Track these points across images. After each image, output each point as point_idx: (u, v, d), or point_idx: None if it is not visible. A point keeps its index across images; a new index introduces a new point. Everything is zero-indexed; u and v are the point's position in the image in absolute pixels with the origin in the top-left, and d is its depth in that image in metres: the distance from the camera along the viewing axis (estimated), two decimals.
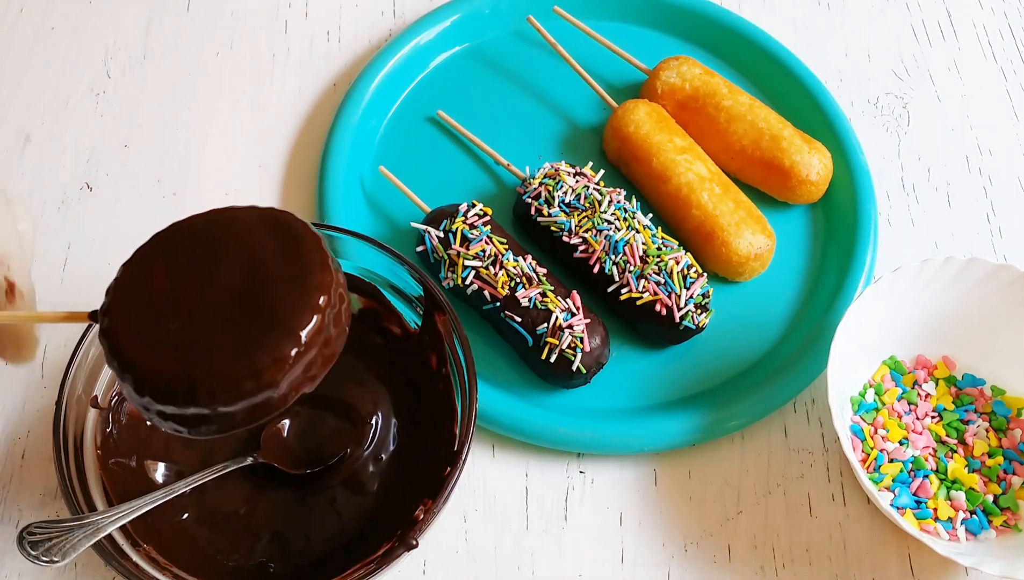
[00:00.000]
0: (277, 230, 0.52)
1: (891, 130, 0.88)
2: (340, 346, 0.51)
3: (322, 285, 0.50)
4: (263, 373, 0.48)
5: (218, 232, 0.52)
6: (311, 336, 0.49)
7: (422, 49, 0.86)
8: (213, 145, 0.84)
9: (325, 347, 0.50)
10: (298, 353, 0.49)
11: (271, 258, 0.51)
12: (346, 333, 0.52)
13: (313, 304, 0.49)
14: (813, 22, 0.93)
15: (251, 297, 0.49)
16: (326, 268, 0.51)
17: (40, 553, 0.54)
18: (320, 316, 0.49)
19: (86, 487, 0.61)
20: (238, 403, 0.48)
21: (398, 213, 0.79)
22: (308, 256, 0.51)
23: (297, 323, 0.49)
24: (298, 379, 0.49)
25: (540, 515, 0.69)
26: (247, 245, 0.51)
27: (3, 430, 0.70)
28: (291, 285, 0.50)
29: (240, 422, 0.49)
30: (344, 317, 0.52)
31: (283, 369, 0.48)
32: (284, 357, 0.48)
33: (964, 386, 0.73)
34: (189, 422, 0.49)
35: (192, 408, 0.48)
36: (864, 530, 0.69)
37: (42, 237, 0.78)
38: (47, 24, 0.89)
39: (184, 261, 0.51)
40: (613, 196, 0.74)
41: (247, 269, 0.50)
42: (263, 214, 0.53)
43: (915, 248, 0.81)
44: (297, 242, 0.51)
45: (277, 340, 0.48)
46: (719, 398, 0.72)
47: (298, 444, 0.67)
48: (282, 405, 0.50)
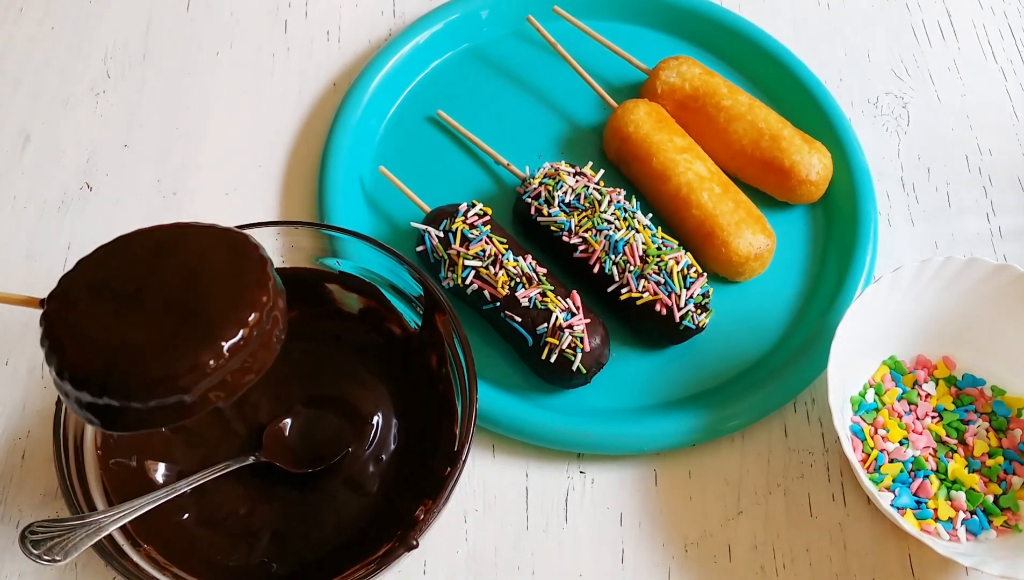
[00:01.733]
0: (228, 247, 0.54)
1: (891, 130, 0.88)
2: (265, 365, 0.53)
3: (255, 302, 0.51)
4: (178, 377, 0.49)
5: (174, 241, 0.54)
6: (234, 348, 0.50)
7: (422, 49, 0.86)
8: (213, 145, 0.84)
9: (248, 363, 0.52)
10: (216, 364, 0.50)
11: (215, 272, 0.53)
12: (274, 355, 0.53)
13: (242, 318, 0.51)
14: (813, 22, 0.93)
15: (187, 304, 0.51)
16: (264, 288, 0.52)
17: (42, 552, 0.54)
18: (247, 331, 0.51)
19: (86, 487, 0.61)
20: (149, 401, 0.50)
21: (398, 213, 0.79)
22: (250, 274, 0.53)
23: (222, 334, 0.50)
24: (213, 389, 0.51)
25: (540, 515, 0.69)
26: (196, 256, 0.53)
27: (3, 430, 0.70)
28: (226, 298, 0.51)
29: (150, 421, 0.51)
30: (274, 339, 0.53)
31: (199, 377, 0.50)
32: (201, 365, 0.50)
33: (964, 386, 0.73)
34: (101, 413, 0.51)
35: (104, 399, 0.50)
36: (864, 530, 0.69)
37: (42, 237, 0.78)
38: (47, 24, 0.89)
39: (135, 263, 0.53)
40: (613, 196, 0.74)
41: (190, 278, 0.52)
42: (220, 232, 0.55)
43: (915, 248, 0.81)
44: (243, 260, 0.53)
45: (199, 347, 0.50)
46: (719, 398, 0.72)
47: (300, 443, 0.67)
48: (193, 412, 0.51)
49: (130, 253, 0.54)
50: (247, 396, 0.68)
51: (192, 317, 0.51)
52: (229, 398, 0.52)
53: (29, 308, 0.55)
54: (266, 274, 0.53)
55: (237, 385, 0.52)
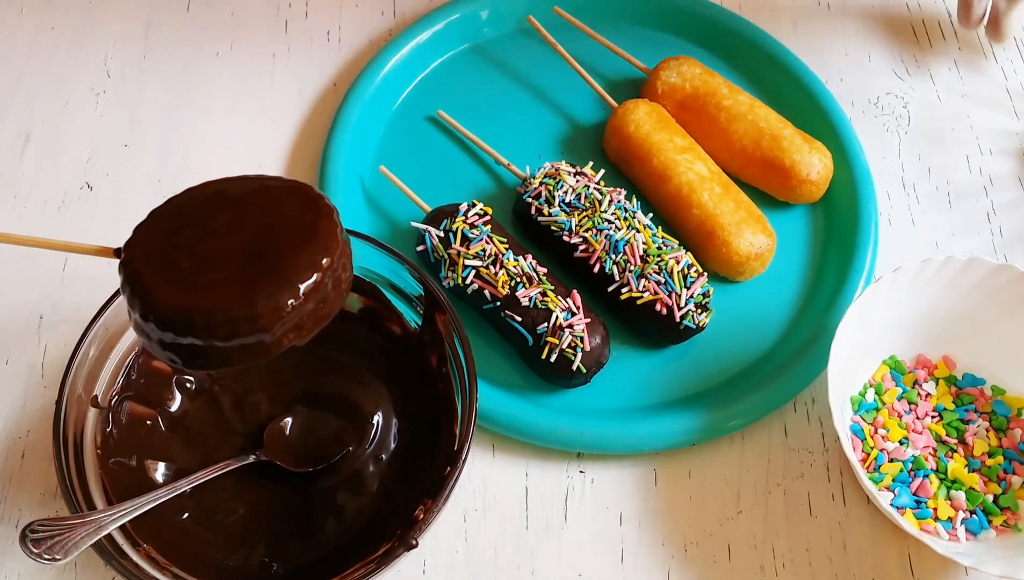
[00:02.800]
0: (297, 196, 0.56)
1: (891, 130, 0.88)
2: (336, 308, 0.55)
3: (328, 248, 0.53)
4: (259, 317, 0.51)
5: (244, 190, 0.56)
6: (309, 291, 0.52)
7: (422, 49, 0.86)
8: (213, 145, 0.84)
9: (321, 305, 0.53)
10: (295, 305, 0.52)
11: (287, 219, 0.55)
12: (344, 298, 0.55)
13: (316, 262, 0.53)
14: (813, 22, 0.93)
15: (262, 248, 0.53)
16: (334, 235, 0.54)
17: (42, 551, 0.54)
18: (320, 274, 0.53)
19: (86, 487, 0.61)
20: (232, 341, 0.51)
21: (398, 213, 0.79)
22: (320, 221, 0.54)
23: (298, 277, 0.52)
24: (290, 329, 0.53)
25: (540, 515, 0.69)
26: (267, 204, 0.55)
27: (3, 430, 0.70)
28: (300, 243, 0.53)
29: (231, 359, 0.53)
30: (344, 283, 0.55)
31: (279, 316, 0.51)
32: (281, 305, 0.51)
33: (964, 386, 0.73)
34: (184, 353, 0.52)
35: (189, 338, 0.51)
36: (864, 530, 0.69)
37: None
38: (47, 24, 0.89)
39: (208, 212, 0.55)
40: (613, 196, 0.74)
41: (263, 224, 0.54)
42: (288, 183, 0.57)
43: (915, 248, 0.81)
44: (313, 209, 0.55)
45: (278, 288, 0.52)
46: (719, 398, 0.72)
47: (300, 442, 0.67)
48: (272, 351, 0.53)
49: (203, 203, 0.56)
50: (247, 395, 0.69)
51: (269, 260, 0.53)
52: (304, 338, 0.54)
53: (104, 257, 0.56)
54: (335, 222, 0.55)
55: (311, 325, 0.54)
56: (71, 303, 0.75)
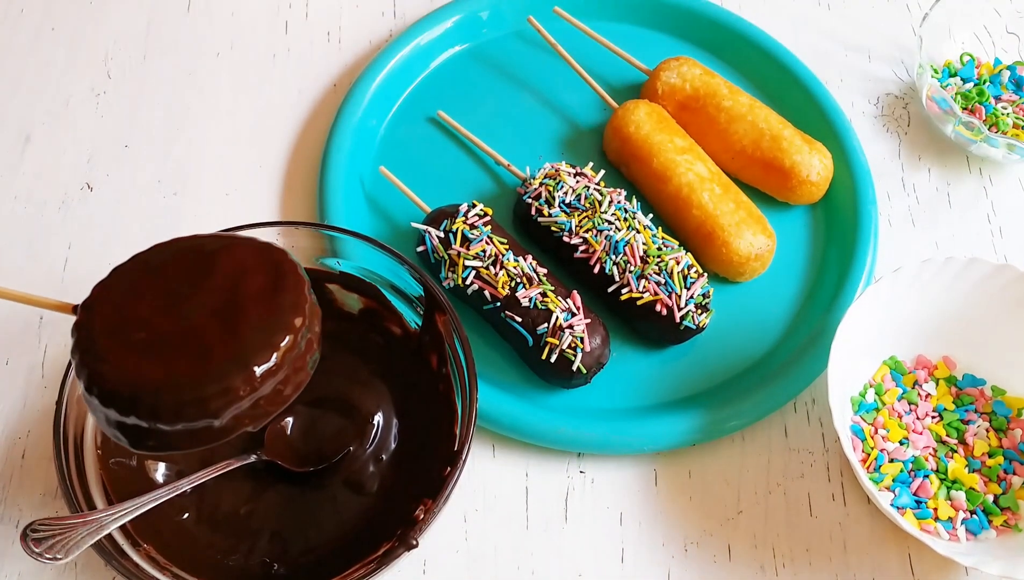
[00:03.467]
0: (266, 264, 0.53)
1: (891, 130, 0.88)
2: (298, 389, 0.52)
3: (289, 326, 0.51)
4: (207, 401, 0.49)
5: (212, 254, 0.54)
6: (266, 374, 0.50)
7: (422, 49, 0.86)
8: (213, 145, 0.84)
9: (280, 387, 0.51)
10: (248, 389, 0.49)
11: (251, 290, 0.52)
12: (307, 378, 0.53)
13: (276, 342, 0.50)
14: (813, 22, 0.93)
15: (220, 324, 0.50)
16: (300, 310, 0.52)
17: (43, 550, 0.54)
18: (279, 355, 0.50)
19: (86, 487, 0.61)
20: (176, 424, 0.49)
21: (398, 213, 0.79)
22: (286, 295, 0.52)
23: (254, 358, 0.50)
24: (244, 414, 0.50)
25: (540, 515, 0.69)
26: (234, 272, 0.53)
27: (3, 430, 0.70)
28: (261, 319, 0.51)
29: (177, 444, 0.50)
30: (308, 363, 0.53)
31: (229, 401, 0.49)
32: (233, 389, 0.49)
33: (964, 386, 0.73)
34: (129, 432, 0.50)
35: (132, 418, 0.49)
36: (864, 530, 0.69)
37: (42, 237, 0.78)
38: (47, 24, 0.89)
39: (171, 276, 0.53)
40: (613, 196, 0.74)
41: (226, 295, 0.52)
42: (260, 247, 0.54)
43: (915, 248, 0.81)
44: (280, 279, 0.53)
45: (230, 371, 0.49)
46: (719, 398, 0.72)
47: (301, 442, 0.67)
48: (222, 436, 0.50)
49: (166, 266, 0.53)
50: None
51: (226, 337, 0.50)
52: (260, 422, 0.51)
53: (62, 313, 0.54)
54: (303, 296, 0.52)
55: (268, 410, 0.51)
56: None
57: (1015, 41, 0.90)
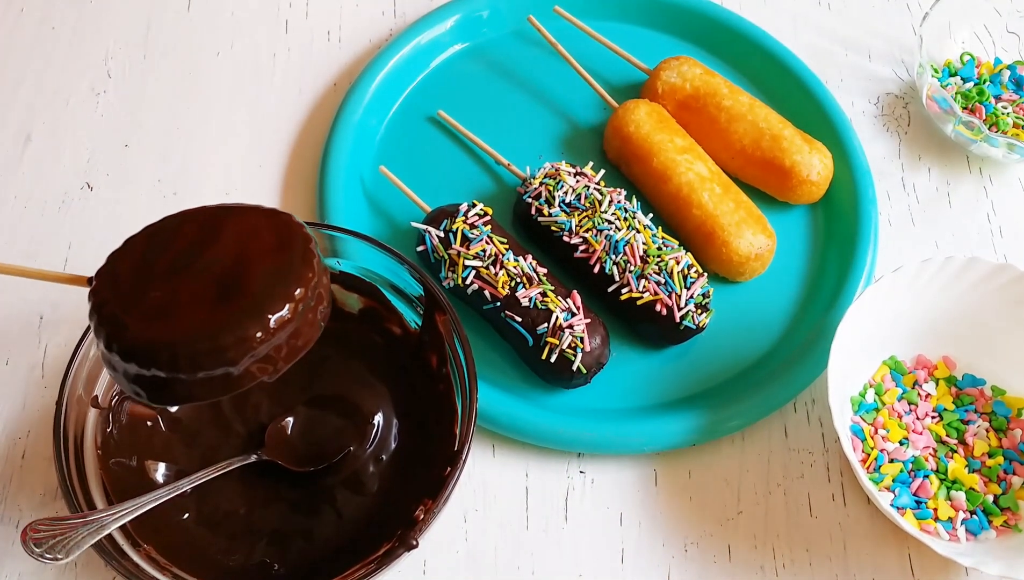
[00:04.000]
0: (273, 225, 0.55)
1: (891, 130, 0.88)
2: (310, 342, 0.53)
3: (302, 278, 0.52)
4: (226, 350, 0.50)
5: (220, 220, 0.55)
6: (280, 323, 0.51)
7: (422, 49, 0.86)
8: (213, 145, 0.84)
9: (293, 338, 0.52)
10: (263, 337, 0.51)
11: (262, 248, 0.53)
12: (319, 331, 0.54)
13: (289, 293, 0.52)
14: (813, 22, 0.93)
15: (234, 279, 0.52)
16: (310, 264, 0.53)
17: (44, 550, 0.54)
18: (292, 305, 0.51)
19: (86, 487, 0.61)
20: (196, 373, 0.51)
21: (398, 213, 0.79)
22: (295, 250, 0.53)
23: (268, 307, 0.51)
24: (259, 363, 0.51)
25: (540, 515, 0.69)
26: (243, 234, 0.54)
27: (3, 430, 0.70)
28: (272, 273, 0.52)
29: (197, 394, 0.51)
30: (320, 315, 0.54)
31: (246, 349, 0.50)
32: (249, 338, 0.50)
33: (964, 386, 0.73)
34: (148, 386, 0.51)
35: (152, 370, 0.50)
36: (864, 530, 0.69)
37: (42, 237, 0.78)
38: (47, 24, 0.89)
39: (182, 241, 0.54)
40: (613, 196, 0.74)
41: (237, 254, 0.53)
42: (266, 211, 0.56)
43: (915, 248, 0.81)
44: (288, 237, 0.54)
45: (246, 320, 0.51)
46: (719, 398, 0.72)
47: (301, 442, 0.67)
48: (239, 385, 0.52)
49: (177, 231, 0.55)
50: (248, 395, 0.69)
51: (239, 291, 0.51)
52: (275, 373, 0.52)
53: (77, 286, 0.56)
54: (311, 251, 0.54)
55: (283, 359, 0.52)
56: (71, 303, 0.75)
57: (1015, 40, 0.90)
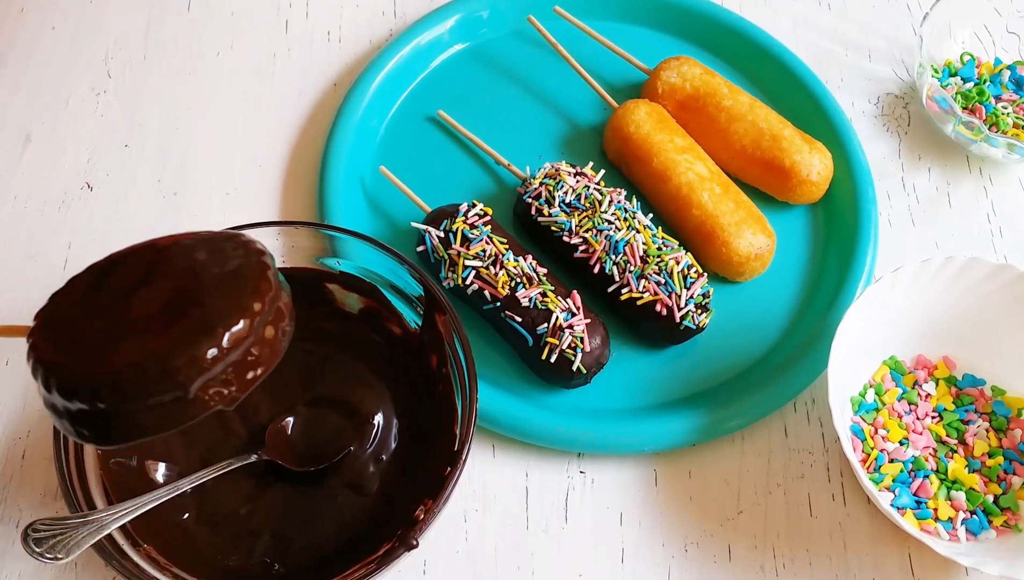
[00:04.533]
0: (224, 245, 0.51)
1: (891, 130, 0.88)
2: (270, 363, 0.49)
3: (258, 291, 0.48)
4: (175, 371, 0.46)
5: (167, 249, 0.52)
6: (234, 340, 0.47)
7: (422, 49, 0.86)
8: (213, 145, 0.84)
9: (251, 359, 0.48)
10: (217, 354, 0.46)
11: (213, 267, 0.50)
12: (280, 352, 0.50)
13: (244, 306, 0.47)
14: (813, 22, 0.93)
15: (185, 301, 0.48)
16: (265, 277, 0.49)
17: (44, 550, 0.54)
18: (248, 321, 0.47)
19: (86, 487, 0.61)
20: (143, 400, 0.46)
21: (398, 213, 0.79)
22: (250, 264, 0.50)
23: (222, 322, 0.47)
24: (215, 386, 0.47)
25: (540, 515, 0.69)
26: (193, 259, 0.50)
27: (3, 430, 0.70)
28: (226, 289, 0.48)
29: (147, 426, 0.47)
30: (280, 332, 0.49)
31: (198, 369, 0.46)
32: (200, 356, 0.46)
33: (964, 386, 0.73)
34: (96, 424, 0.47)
35: (97, 403, 0.46)
36: (864, 530, 0.69)
37: (42, 237, 0.78)
38: (47, 24, 0.89)
39: (127, 272, 0.51)
40: (613, 196, 0.74)
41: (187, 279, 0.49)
42: (214, 235, 0.53)
43: (915, 248, 0.81)
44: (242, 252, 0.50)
45: (197, 336, 0.46)
46: (719, 398, 0.72)
47: (302, 442, 0.67)
48: (193, 412, 0.47)
49: (122, 264, 0.52)
50: (248, 396, 0.68)
51: (191, 312, 0.47)
52: (232, 400, 0.48)
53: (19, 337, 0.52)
54: (266, 264, 0.50)
55: (240, 383, 0.48)
56: None
57: (1015, 41, 0.90)
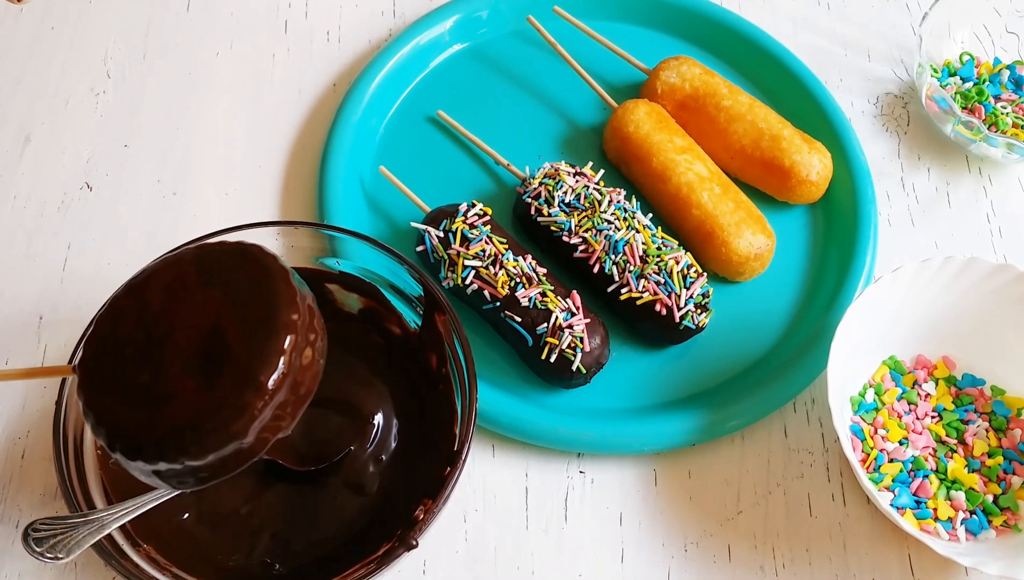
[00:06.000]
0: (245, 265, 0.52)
1: (891, 130, 0.88)
2: (314, 385, 0.51)
3: (288, 325, 0.50)
4: (229, 425, 0.48)
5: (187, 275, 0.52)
6: (277, 383, 0.49)
7: (422, 49, 0.86)
8: (213, 145, 0.84)
9: (295, 390, 0.50)
10: (264, 402, 0.49)
11: (238, 299, 0.51)
12: (320, 371, 0.52)
13: (279, 348, 0.49)
14: (812, 22, 0.93)
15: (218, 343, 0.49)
16: (293, 305, 0.50)
17: (44, 549, 0.54)
18: (286, 359, 0.49)
19: (86, 487, 0.61)
20: (206, 457, 0.49)
21: (398, 213, 0.79)
22: (275, 294, 0.51)
23: (261, 370, 0.48)
24: (268, 425, 0.49)
25: (540, 515, 0.69)
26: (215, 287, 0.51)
27: (3, 430, 0.70)
28: (257, 326, 0.49)
29: (215, 473, 0.50)
30: (316, 353, 0.51)
31: (249, 419, 0.48)
32: (249, 406, 0.48)
33: (964, 386, 0.73)
34: (164, 477, 0.50)
35: (161, 464, 0.49)
36: (864, 530, 0.69)
37: (42, 237, 0.78)
38: (47, 24, 0.89)
39: (153, 310, 0.52)
40: (613, 196, 0.74)
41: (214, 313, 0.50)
42: (234, 250, 0.53)
43: (915, 248, 0.81)
44: (264, 279, 0.51)
45: (241, 391, 0.48)
46: (719, 398, 0.72)
47: (302, 441, 0.67)
48: (255, 452, 0.50)
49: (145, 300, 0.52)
50: None
51: (226, 357, 0.49)
52: (288, 428, 0.51)
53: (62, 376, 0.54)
54: (292, 288, 0.51)
55: (290, 413, 0.50)
56: (71, 303, 0.75)
57: (1015, 40, 0.90)
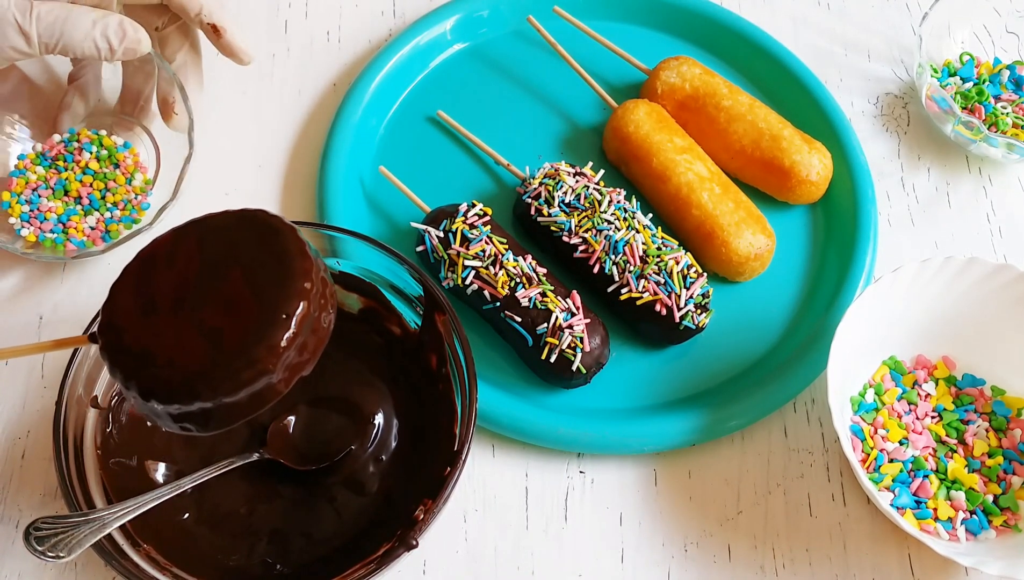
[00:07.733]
0: (253, 226, 0.56)
1: (891, 130, 0.88)
2: (330, 327, 0.55)
3: (304, 271, 0.53)
4: (259, 361, 0.51)
5: (198, 239, 0.56)
6: (300, 320, 0.52)
7: (422, 49, 0.86)
8: (213, 145, 0.83)
9: (314, 330, 0.53)
10: (289, 338, 0.52)
11: (252, 253, 0.54)
12: (334, 314, 0.55)
13: (298, 289, 0.53)
14: (812, 22, 0.93)
15: (238, 293, 0.53)
16: (305, 255, 0.54)
17: (46, 548, 0.54)
18: (306, 301, 0.52)
19: (86, 487, 0.61)
20: (239, 393, 0.52)
21: (398, 213, 0.79)
22: (287, 247, 0.54)
23: (285, 309, 0.52)
24: (293, 362, 0.53)
25: (540, 515, 0.69)
26: (227, 245, 0.55)
27: (3, 430, 0.70)
28: (275, 275, 0.53)
29: (246, 411, 0.53)
30: (330, 300, 0.55)
31: (277, 355, 0.52)
32: (276, 343, 0.51)
33: (964, 386, 0.73)
34: (196, 418, 0.53)
35: (197, 403, 0.52)
36: (864, 530, 0.69)
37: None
38: None
39: (168, 272, 0.55)
40: (613, 196, 0.74)
41: (230, 267, 0.54)
42: (238, 214, 0.57)
43: (915, 248, 0.81)
44: (274, 234, 0.55)
45: (268, 329, 0.52)
46: (719, 398, 0.72)
47: (303, 441, 0.67)
48: (282, 389, 0.53)
49: (160, 264, 0.55)
50: None
51: (249, 303, 0.52)
52: (308, 368, 0.54)
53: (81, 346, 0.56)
54: (301, 241, 0.55)
55: (312, 352, 0.54)
56: (71, 303, 0.75)
57: (1015, 40, 0.90)
